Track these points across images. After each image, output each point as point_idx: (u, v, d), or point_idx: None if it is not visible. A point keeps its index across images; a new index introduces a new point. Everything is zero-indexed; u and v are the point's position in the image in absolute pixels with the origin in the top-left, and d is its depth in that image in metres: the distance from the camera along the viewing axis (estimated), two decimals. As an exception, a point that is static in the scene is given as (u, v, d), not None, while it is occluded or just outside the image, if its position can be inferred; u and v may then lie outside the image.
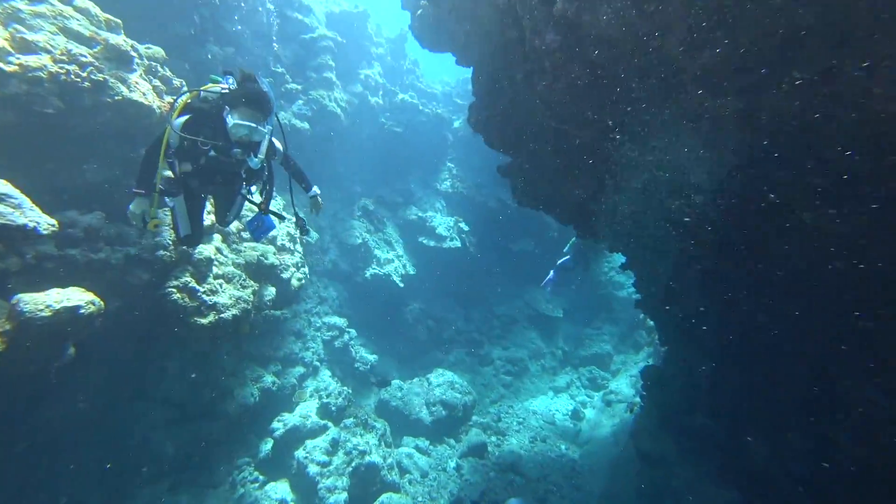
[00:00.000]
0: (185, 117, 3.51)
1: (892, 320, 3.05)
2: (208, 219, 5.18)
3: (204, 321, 4.92)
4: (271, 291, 7.12)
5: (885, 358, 3.34)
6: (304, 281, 8.67)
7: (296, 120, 10.84)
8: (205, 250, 5.26)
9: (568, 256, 10.66)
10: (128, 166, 5.19)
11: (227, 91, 3.55)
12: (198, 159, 3.58)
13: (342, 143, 12.42)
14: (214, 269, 5.40)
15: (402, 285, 12.05)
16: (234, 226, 6.29)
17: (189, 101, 3.61)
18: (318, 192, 4.30)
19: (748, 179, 3.34)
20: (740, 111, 2.71)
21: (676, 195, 4.15)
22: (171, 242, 5.02)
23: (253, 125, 3.38)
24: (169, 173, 3.72)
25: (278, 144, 3.98)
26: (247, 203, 4.14)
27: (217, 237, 5.78)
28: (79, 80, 4.66)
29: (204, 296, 5.10)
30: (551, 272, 10.63)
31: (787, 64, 2.77)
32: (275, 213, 4.05)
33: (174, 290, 4.91)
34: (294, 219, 4.29)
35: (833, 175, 2.79)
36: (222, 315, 5.12)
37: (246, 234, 6.66)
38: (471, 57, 5.64)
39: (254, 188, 3.99)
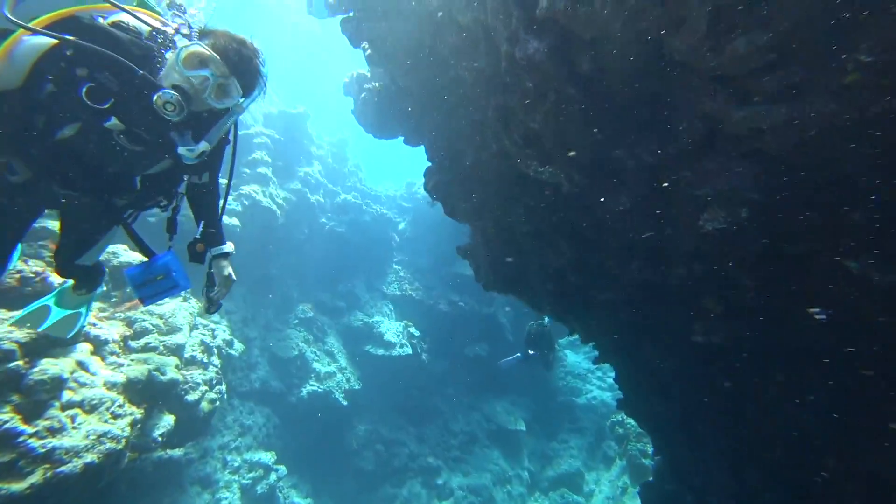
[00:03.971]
0: (68, 36, 1.76)
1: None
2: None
3: (20, 486, 3.09)
4: (167, 421, 5.36)
5: None
6: (218, 403, 6.89)
7: (224, 216, 9.75)
8: (50, 367, 3.58)
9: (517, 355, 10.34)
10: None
11: (180, 27, 2.06)
12: (61, 123, 1.88)
13: (277, 243, 11.34)
14: (67, 395, 3.72)
15: (345, 403, 10.41)
16: (119, 332, 4.74)
17: (72, 15, 1.86)
18: (232, 249, 2.57)
19: (765, 223, 2.63)
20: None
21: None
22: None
23: (228, 74, 1.98)
24: None
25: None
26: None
27: (84, 347, 4.18)
28: None
29: (31, 441, 3.29)
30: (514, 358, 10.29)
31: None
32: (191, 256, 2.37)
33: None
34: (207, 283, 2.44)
35: None
36: (64, 468, 3.29)
37: (134, 343, 5.07)
38: (422, 130, 5.12)
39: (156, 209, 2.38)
